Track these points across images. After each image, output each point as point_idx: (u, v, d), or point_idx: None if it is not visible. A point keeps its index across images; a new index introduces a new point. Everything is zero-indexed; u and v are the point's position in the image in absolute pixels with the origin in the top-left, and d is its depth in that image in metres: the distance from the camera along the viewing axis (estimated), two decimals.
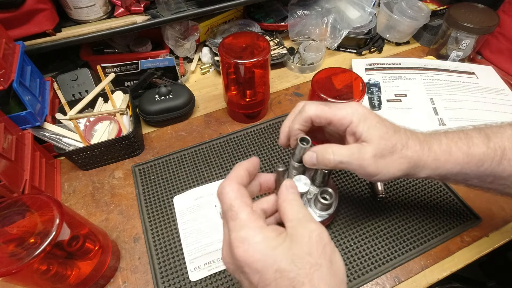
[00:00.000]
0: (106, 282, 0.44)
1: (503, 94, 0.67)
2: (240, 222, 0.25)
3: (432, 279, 0.44)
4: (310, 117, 0.34)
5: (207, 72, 0.77)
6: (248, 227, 0.24)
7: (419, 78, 0.70)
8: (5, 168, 0.43)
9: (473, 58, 0.77)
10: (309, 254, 0.23)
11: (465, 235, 0.48)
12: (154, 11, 0.67)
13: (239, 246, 0.24)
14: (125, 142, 0.55)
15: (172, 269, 0.45)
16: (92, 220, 0.51)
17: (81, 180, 0.56)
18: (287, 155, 0.58)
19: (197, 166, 0.57)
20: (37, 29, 0.58)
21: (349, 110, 0.33)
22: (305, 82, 0.73)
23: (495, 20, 0.67)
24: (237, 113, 0.63)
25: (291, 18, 0.77)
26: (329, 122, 0.34)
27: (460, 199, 0.51)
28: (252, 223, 0.25)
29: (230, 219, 0.25)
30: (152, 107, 0.61)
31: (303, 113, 0.35)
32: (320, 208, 0.40)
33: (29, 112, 0.51)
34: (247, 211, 0.25)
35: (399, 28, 0.77)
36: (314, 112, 0.34)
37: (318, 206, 0.40)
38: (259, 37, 0.57)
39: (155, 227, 0.50)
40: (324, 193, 0.39)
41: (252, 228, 0.25)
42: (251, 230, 0.24)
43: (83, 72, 0.63)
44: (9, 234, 0.34)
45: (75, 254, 0.39)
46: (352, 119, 0.33)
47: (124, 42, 0.73)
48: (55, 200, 0.36)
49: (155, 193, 0.54)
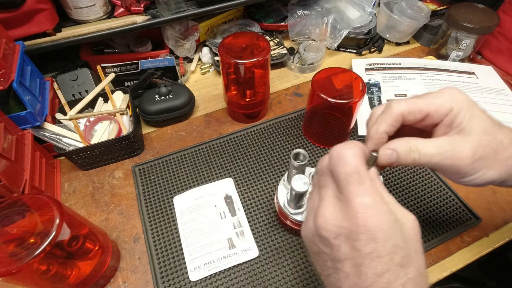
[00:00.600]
0: (106, 282, 0.44)
1: (503, 94, 0.67)
2: (367, 188, 0.23)
3: (432, 279, 0.44)
4: (401, 114, 0.28)
5: (207, 72, 0.77)
6: (375, 195, 0.23)
7: (419, 78, 0.70)
8: (5, 168, 0.43)
9: (473, 58, 0.77)
10: (414, 240, 0.24)
11: (465, 235, 0.48)
12: (154, 11, 0.67)
13: (365, 212, 0.22)
14: (125, 142, 0.55)
15: (172, 269, 0.45)
16: (92, 220, 0.51)
17: (81, 180, 0.56)
18: (287, 155, 0.58)
19: (197, 166, 0.57)
20: (37, 29, 0.58)
21: (447, 97, 0.28)
22: (305, 82, 0.73)
23: (495, 20, 0.67)
24: (237, 113, 0.63)
25: (291, 18, 0.77)
26: (426, 114, 0.28)
27: (460, 199, 0.51)
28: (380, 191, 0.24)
29: (355, 183, 0.23)
30: (152, 107, 0.61)
31: (391, 111, 0.28)
32: None
33: (29, 112, 0.51)
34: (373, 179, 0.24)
35: (399, 28, 0.77)
36: (406, 107, 0.28)
37: None
38: (259, 37, 0.57)
39: (155, 227, 0.50)
40: None
41: (380, 197, 0.24)
42: (379, 199, 0.23)
43: (83, 72, 0.64)
44: (9, 234, 0.34)
45: (75, 254, 0.39)
46: (452, 106, 0.28)
47: (124, 42, 0.73)
48: (55, 200, 0.36)
49: (155, 193, 0.54)
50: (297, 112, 0.66)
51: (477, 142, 0.27)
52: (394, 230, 0.23)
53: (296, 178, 0.36)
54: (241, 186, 0.54)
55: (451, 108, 0.28)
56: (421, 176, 0.55)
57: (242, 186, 0.54)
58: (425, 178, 0.54)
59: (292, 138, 0.61)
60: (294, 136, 0.61)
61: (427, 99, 0.28)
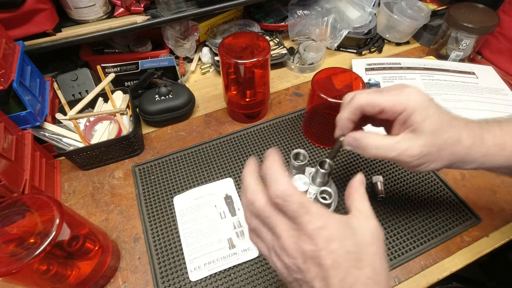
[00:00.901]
0: (106, 282, 0.44)
1: (503, 94, 0.67)
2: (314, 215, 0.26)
3: (432, 279, 0.44)
4: (361, 105, 0.33)
5: (207, 72, 0.77)
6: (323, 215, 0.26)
7: (419, 78, 0.70)
8: (5, 168, 0.43)
9: (473, 58, 0.77)
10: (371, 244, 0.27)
11: (465, 235, 0.48)
12: (154, 11, 0.67)
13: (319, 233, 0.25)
14: (125, 142, 0.55)
15: (172, 269, 0.45)
16: (92, 220, 0.51)
17: (81, 180, 0.56)
18: (287, 155, 0.58)
19: (197, 166, 0.57)
20: (37, 29, 0.58)
21: (404, 97, 0.31)
22: (305, 82, 0.73)
23: (495, 20, 0.67)
24: (237, 113, 0.63)
25: (291, 18, 0.77)
26: (382, 109, 0.32)
27: (460, 199, 0.51)
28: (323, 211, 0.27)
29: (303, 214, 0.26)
30: (152, 107, 0.61)
31: (353, 102, 0.33)
32: None
33: (29, 112, 0.51)
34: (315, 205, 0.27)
35: (399, 28, 0.77)
36: (365, 100, 0.32)
37: None
38: (259, 37, 0.57)
39: (155, 227, 0.50)
40: (323, 193, 0.39)
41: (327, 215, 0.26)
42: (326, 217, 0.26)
43: (83, 72, 0.64)
44: (9, 234, 0.34)
45: (75, 254, 0.39)
46: (406, 106, 0.31)
47: (124, 42, 0.73)
48: (55, 200, 0.36)
49: (155, 193, 0.54)
50: (297, 112, 0.66)
51: (425, 142, 0.31)
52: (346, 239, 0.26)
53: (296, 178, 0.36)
54: (241, 186, 0.54)
55: (405, 108, 0.31)
56: (421, 176, 0.55)
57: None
58: (425, 178, 0.54)
59: (292, 138, 0.61)
60: (294, 136, 0.61)
61: (386, 96, 0.32)
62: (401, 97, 0.31)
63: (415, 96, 0.31)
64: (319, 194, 0.39)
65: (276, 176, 0.27)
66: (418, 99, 0.31)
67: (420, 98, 0.31)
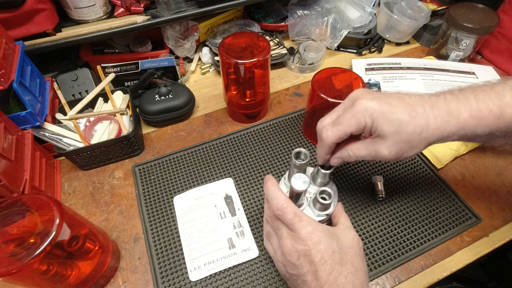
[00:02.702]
0: (106, 282, 0.44)
1: None
2: (305, 222, 0.33)
3: (432, 279, 0.44)
4: (332, 142, 0.38)
5: (207, 72, 0.77)
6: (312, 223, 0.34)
7: (419, 78, 0.70)
8: (5, 168, 0.43)
9: (473, 58, 0.77)
10: (351, 248, 0.34)
11: (465, 235, 0.48)
12: (154, 11, 0.67)
13: (310, 236, 0.32)
14: (125, 142, 0.55)
15: (172, 269, 0.45)
16: (92, 220, 0.51)
17: (81, 180, 0.56)
18: (287, 155, 0.58)
19: (197, 166, 0.57)
20: (37, 29, 0.58)
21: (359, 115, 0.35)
22: (305, 82, 0.73)
23: (495, 20, 0.67)
24: (237, 113, 0.63)
25: (291, 18, 0.77)
26: (349, 134, 0.37)
27: (460, 199, 0.51)
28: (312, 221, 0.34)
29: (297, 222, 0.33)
30: (152, 107, 0.61)
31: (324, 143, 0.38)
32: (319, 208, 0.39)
33: (29, 112, 0.51)
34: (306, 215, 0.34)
35: (399, 28, 0.77)
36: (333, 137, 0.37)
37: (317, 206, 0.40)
38: (259, 37, 0.57)
39: (155, 227, 0.50)
40: (323, 193, 0.39)
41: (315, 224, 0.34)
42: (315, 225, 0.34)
43: (83, 72, 0.63)
44: (9, 234, 0.34)
45: (75, 254, 0.39)
46: (365, 121, 0.35)
47: (124, 42, 0.73)
48: (55, 200, 0.36)
49: (155, 193, 0.54)
50: (297, 112, 0.66)
51: (390, 143, 0.35)
52: (331, 242, 0.33)
53: (295, 177, 0.36)
54: (241, 186, 0.54)
55: (365, 124, 0.35)
56: (421, 177, 0.55)
57: (242, 186, 0.54)
58: (426, 178, 0.54)
59: (292, 138, 0.61)
60: (294, 136, 0.61)
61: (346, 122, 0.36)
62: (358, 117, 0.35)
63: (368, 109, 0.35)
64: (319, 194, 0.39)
65: (276, 194, 0.35)
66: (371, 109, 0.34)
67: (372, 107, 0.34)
